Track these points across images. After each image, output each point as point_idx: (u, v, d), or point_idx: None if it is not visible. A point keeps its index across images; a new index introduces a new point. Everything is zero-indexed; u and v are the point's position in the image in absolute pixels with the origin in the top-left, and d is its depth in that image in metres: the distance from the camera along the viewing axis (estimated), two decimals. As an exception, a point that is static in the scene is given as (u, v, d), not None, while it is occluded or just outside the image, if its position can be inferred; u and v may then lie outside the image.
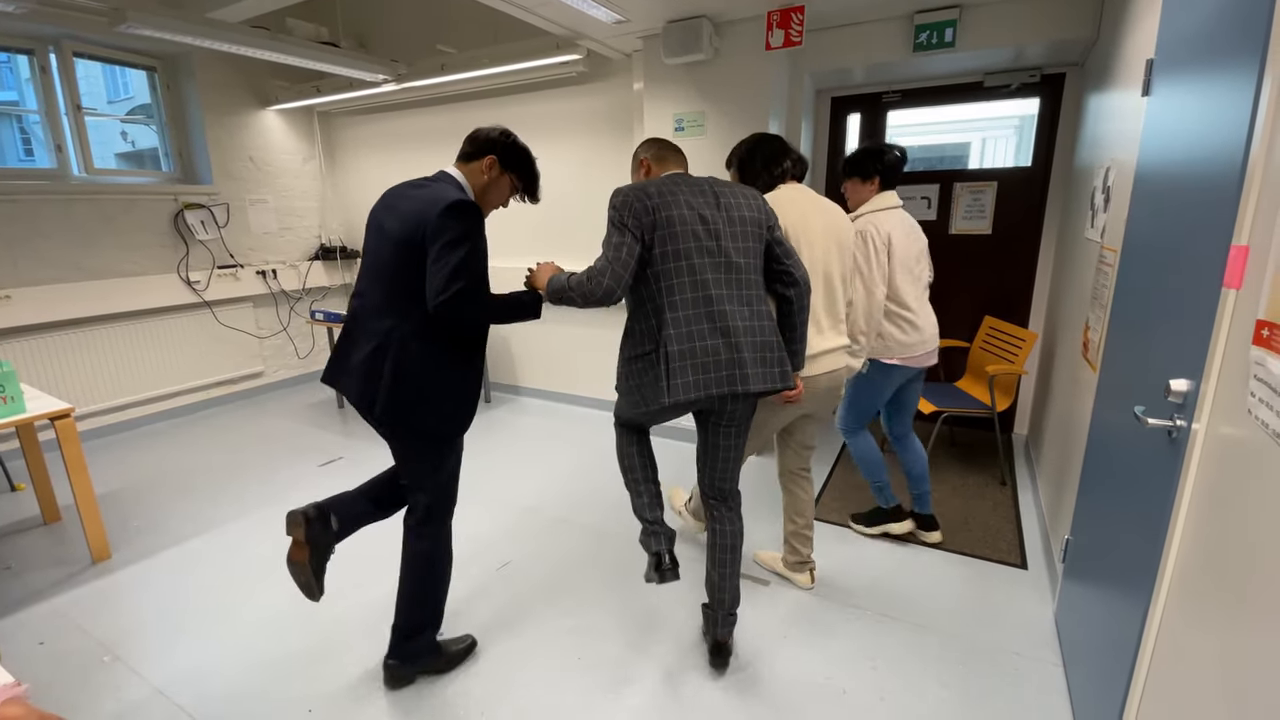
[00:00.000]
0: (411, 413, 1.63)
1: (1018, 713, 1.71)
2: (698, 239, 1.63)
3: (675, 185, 1.68)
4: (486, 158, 1.73)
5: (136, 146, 4.46)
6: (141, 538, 2.69)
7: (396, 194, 1.70)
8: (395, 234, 1.60)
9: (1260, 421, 0.87)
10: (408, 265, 1.57)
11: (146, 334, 4.04)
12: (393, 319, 1.61)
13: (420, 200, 1.60)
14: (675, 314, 1.62)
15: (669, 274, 1.62)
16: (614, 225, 1.63)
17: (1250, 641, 0.86)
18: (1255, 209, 0.96)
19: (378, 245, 1.66)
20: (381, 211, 1.68)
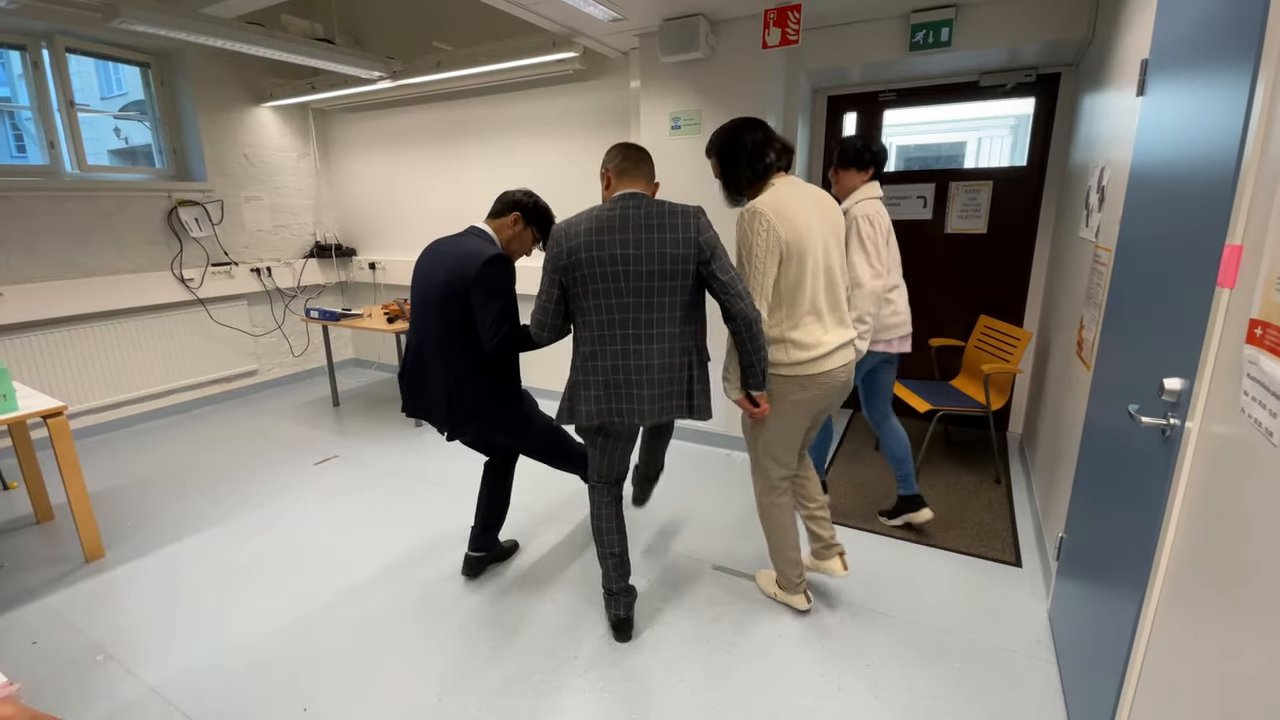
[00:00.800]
0: (477, 416, 2.06)
1: (1012, 709, 1.71)
2: (615, 280, 1.72)
3: (604, 220, 1.72)
4: (512, 214, 2.07)
5: (130, 143, 4.43)
6: (135, 536, 2.68)
7: (439, 250, 2.05)
8: (440, 285, 1.96)
9: (1253, 420, 0.88)
10: (453, 311, 1.94)
11: (140, 332, 4.02)
12: (447, 359, 1.99)
13: (461, 255, 1.95)
14: (589, 348, 1.80)
15: (584, 311, 1.79)
16: (544, 270, 1.82)
17: (1243, 639, 0.86)
18: (1249, 208, 0.96)
19: (426, 296, 2.02)
20: (428, 266, 2.04)
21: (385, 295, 5.11)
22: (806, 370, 1.88)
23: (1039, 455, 2.88)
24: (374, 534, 2.69)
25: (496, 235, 2.06)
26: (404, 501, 2.97)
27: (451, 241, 2.05)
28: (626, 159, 1.83)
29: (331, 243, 5.13)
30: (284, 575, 2.39)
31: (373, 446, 3.66)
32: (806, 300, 1.85)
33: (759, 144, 1.88)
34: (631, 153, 1.84)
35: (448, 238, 2.08)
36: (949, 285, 3.69)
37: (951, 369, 3.61)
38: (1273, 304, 0.85)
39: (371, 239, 5.16)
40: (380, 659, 1.95)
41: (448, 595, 2.25)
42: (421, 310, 2.04)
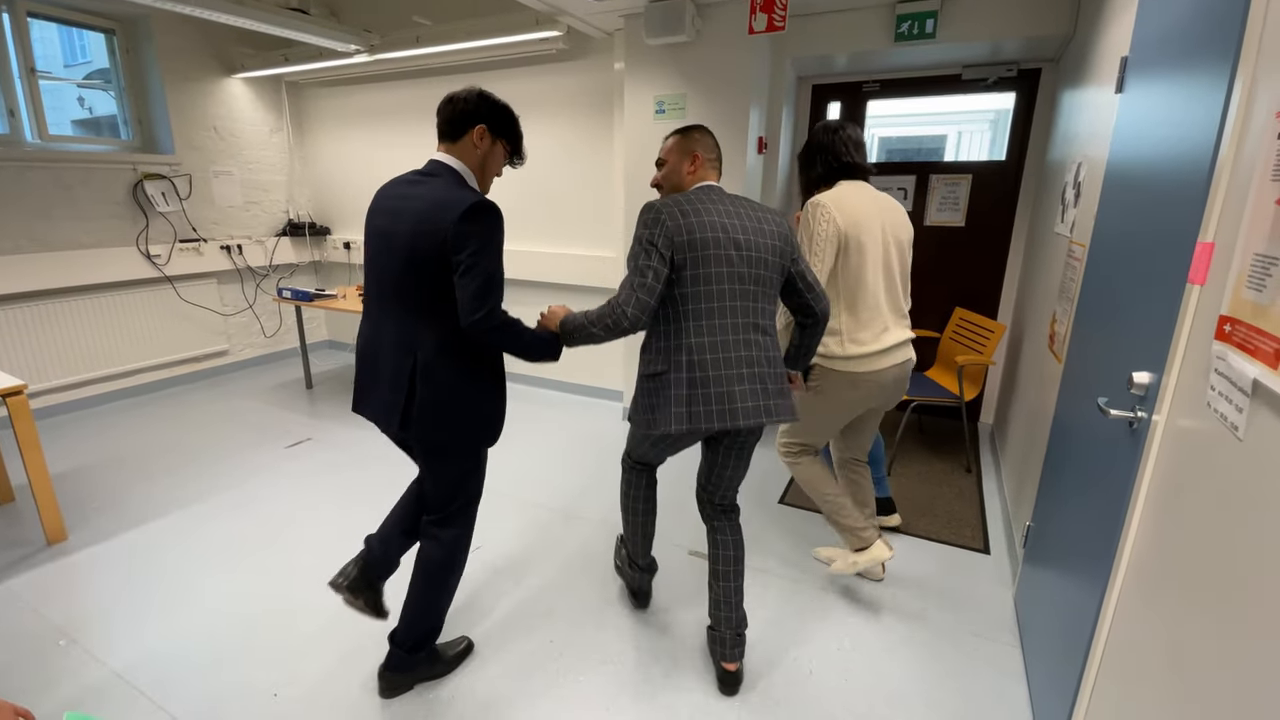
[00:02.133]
0: (443, 433, 1.56)
1: (975, 692, 1.76)
2: (730, 264, 1.56)
3: (709, 202, 1.60)
4: (476, 128, 1.54)
5: (94, 113, 4.25)
6: (99, 519, 2.61)
7: (394, 195, 1.53)
8: (404, 245, 1.45)
9: (1219, 414, 0.90)
10: (421, 280, 1.44)
11: (104, 309, 3.89)
12: (410, 342, 1.49)
13: (427, 203, 1.44)
14: (697, 339, 1.56)
15: (695, 297, 1.55)
16: (642, 245, 1.54)
17: (1202, 624, 0.89)
18: (1222, 207, 0.98)
19: (383, 259, 1.51)
20: (381, 218, 1.53)
21: (360, 276, 5.00)
22: (859, 367, 1.95)
23: (1009, 445, 2.94)
24: (348, 518, 2.66)
25: (463, 163, 1.54)
26: (379, 485, 2.93)
27: (410, 185, 1.52)
28: (713, 149, 1.73)
29: (305, 221, 5.01)
30: (254, 559, 2.36)
31: (347, 430, 3.61)
32: (869, 294, 1.93)
33: (831, 144, 2.01)
34: (713, 141, 1.75)
35: (404, 179, 1.55)
36: (926, 277, 3.72)
37: (927, 360, 3.66)
38: (1242, 301, 0.87)
39: (346, 218, 5.05)
40: (354, 644, 1.93)
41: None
42: (378, 277, 1.55)
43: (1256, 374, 0.80)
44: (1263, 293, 0.81)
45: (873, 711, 1.70)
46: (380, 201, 1.56)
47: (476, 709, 1.70)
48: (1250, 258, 0.86)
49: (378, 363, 1.57)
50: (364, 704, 1.71)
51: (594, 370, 4.10)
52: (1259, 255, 0.83)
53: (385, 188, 1.58)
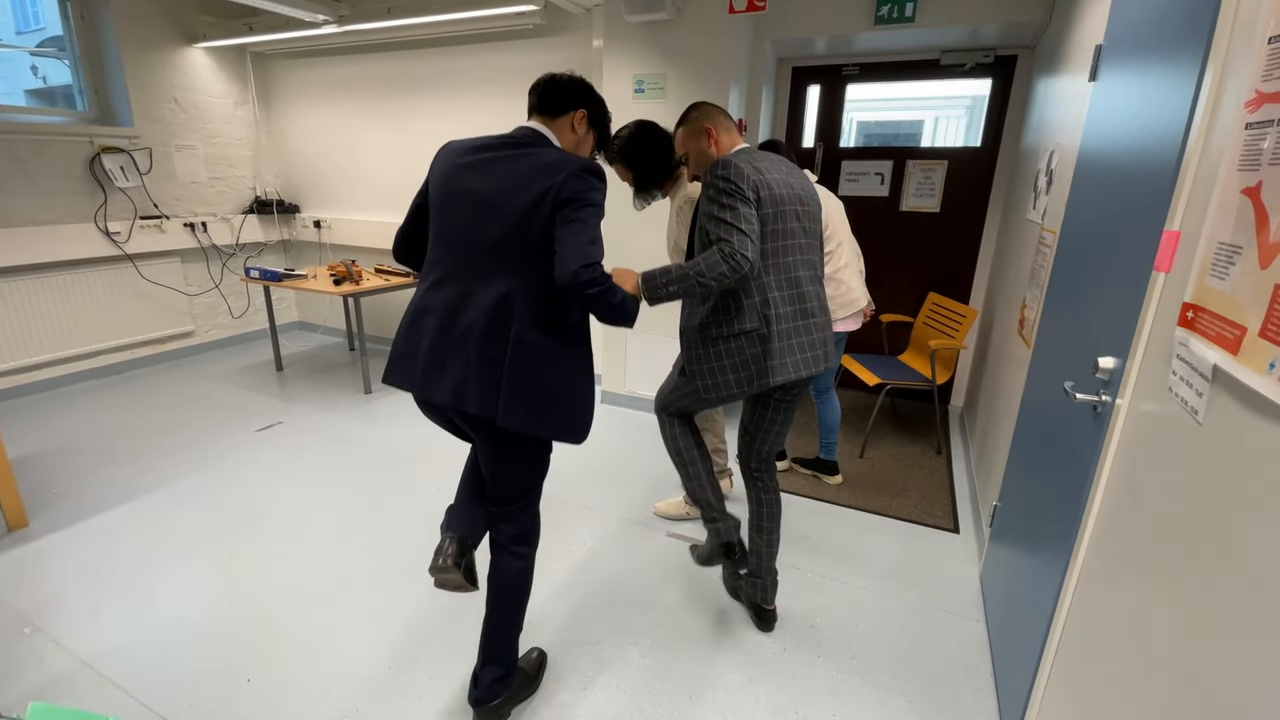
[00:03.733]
0: (538, 419, 1.38)
1: (941, 666, 1.82)
2: (798, 219, 1.64)
3: (764, 160, 1.64)
4: (578, 111, 1.48)
5: (48, 83, 4.04)
6: (62, 505, 2.54)
7: (485, 157, 1.39)
8: (510, 205, 1.32)
9: (1179, 398, 0.93)
10: (526, 242, 1.33)
11: (62, 288, 3.75)
12: (506, 314, 1.34)
13: (534, 164, 1.35)
14: (776, 294, 1.61)
15: (772, 253, 1.60)
16: (734, 196, 1.52)
17: (1158, 600, 0.93)
18: (1189, 196, 1.01)
19: (479, 222, 1.36)
20: (467, 176, 1.38)
21: (331, 255, 4.90)
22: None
23: (978, 428, 3.01)
24: (320, 503, 2.62)
25: (558, 139, 1.46)
26: (351, 470, 2.90)
27: (504, 145, 1.40)
28: (724, 114, 1.74)
29: (273, 198, 4.86)
30: (223, 544, 2.32)
31: (319, 413, 3.55)
32: None
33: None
34: (722, 110, 1.76)
35: (487, 141, 1.42)
36: (901, 262, 3.78)
37: (900, 344, 3.72)
38: (1205, 288, 0.89)
39: (316, 195, 4.92)
40: (328, 628, 1.92)
41: (397, 563, 2.22)
42: (469, 243, 1.37)
43: (1217, 360, 0.83)
44: (1225, 280, 0.84)
45: (843, 685, 1.74)
46: (465, 161, 1.40)
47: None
48: (1215, 246, 0.88)
49: (453, 338, 1.37)
50: (337, 687, 1.71)
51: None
52: (1223, 244, 0.86)
53: (467, 147, 1.43)
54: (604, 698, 1.70)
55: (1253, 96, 0.83)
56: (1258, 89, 0.82)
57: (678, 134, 1.79)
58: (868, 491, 2.79)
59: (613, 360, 3.69)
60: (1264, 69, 0.81)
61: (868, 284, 2.65)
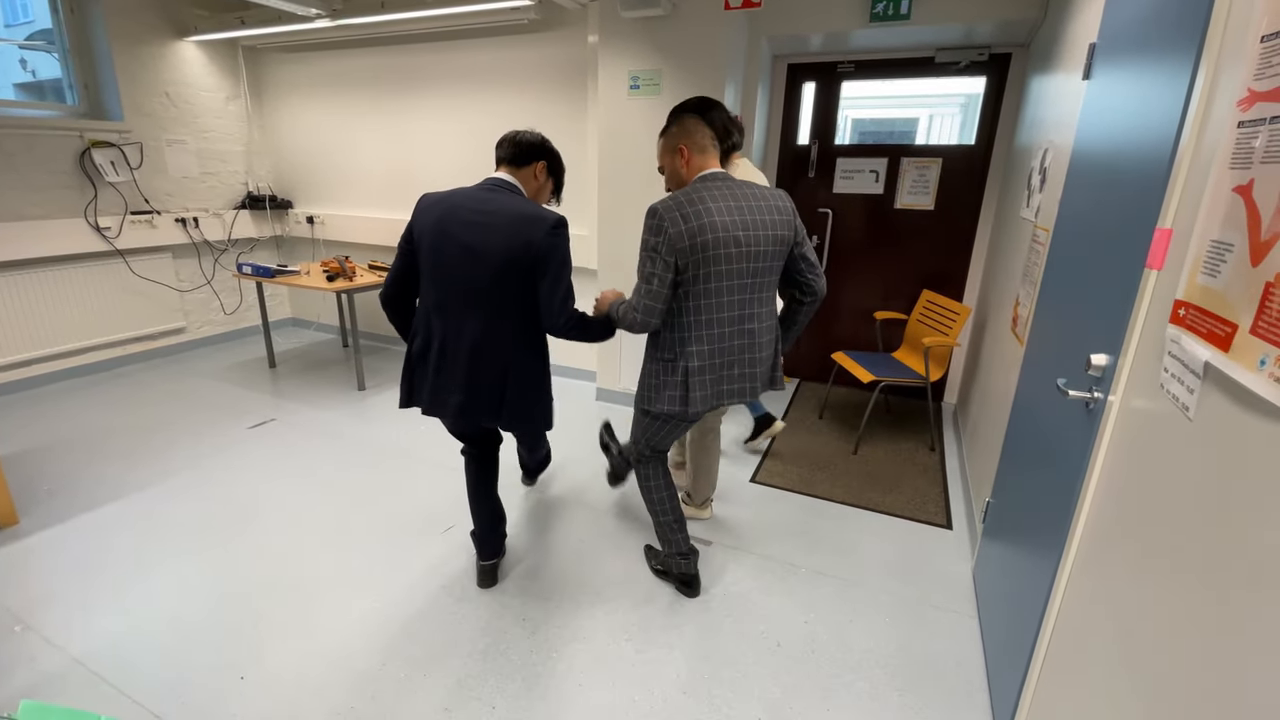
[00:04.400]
0: (531, 419, 1.88)
1: (934, 661, 1.83)
2: (730, 261, 1.68)
3: (712, 197, 1.66)
4: (539, 163, 1.80)
5: (38, 76, 4.00)
6: (52, 502, 2.52)
7: (478, 210, 1.69)
8: (498, 254, 1.65)
9: (1171, 395, 0.94)
10: (510, 285, 1.68)
11: (52, 284, 3.72)
12: (501, 343, 1.74)
13: (518, 218, 1.66)
14: (699, 332, 1.73)
15: (698, 294, 1.70)
16: (648, 253, 1.66)
17: (1149, 596, 0.94)
18: (1181, 194, 1.01)
19: (471, 269, 1.68)
20: (457, 228, 1.68)
21: (325, 251, 4.87)
22: None
23: (971, 425, 3.03)
24: (312, 499, 2.61)
25: (523, 186, 1.78)
26: (346, 467, 2.89)
27: (484, 200, 1.70)
28: (703, 135, 1.75)
29: (265, 193, 4.83)
30: (216, 541, 2.31)
31: (312, 410, 3.53)
32: None
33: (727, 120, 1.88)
34: (704, 123, 1.76)
35: (470, 192, 1.73)
36: (896, 260, 3.79)
37: (894, 341, 3.73)
38: (1197, 286, 0.90)
39: (309, 191, 4.89)
40: (321, 626, 1.91)
41: (392, 561, 2.22)
42: (463, 283, 1.69)
43: (1208, 356, 0.84)
44: (1216, 278, 0.84)
45: (836, 680, 1.75)
46: (452, 211, 1.70)
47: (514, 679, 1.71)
48: (1206, 244, 0.88)
49: (460, 365, 1.74)
50: (331, 684, 1.70)
51: (566, 350, 4.07)
52: (1215, 241, 0.86)
53: (452, 199, 1.71)
54: (599, 694, 1.70)
55: (1245, 95, 0.84)
56: (1250, 87, 0.83)
57: (659, 143, 1.83)
58: (861, 488, 2.81)
59: (607, 360, 3.69)
60: (1256, 67, 0.82)
61: (862, 282, 2.66)
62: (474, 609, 2.00)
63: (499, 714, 1.63)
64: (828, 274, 3.96)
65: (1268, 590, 0.68)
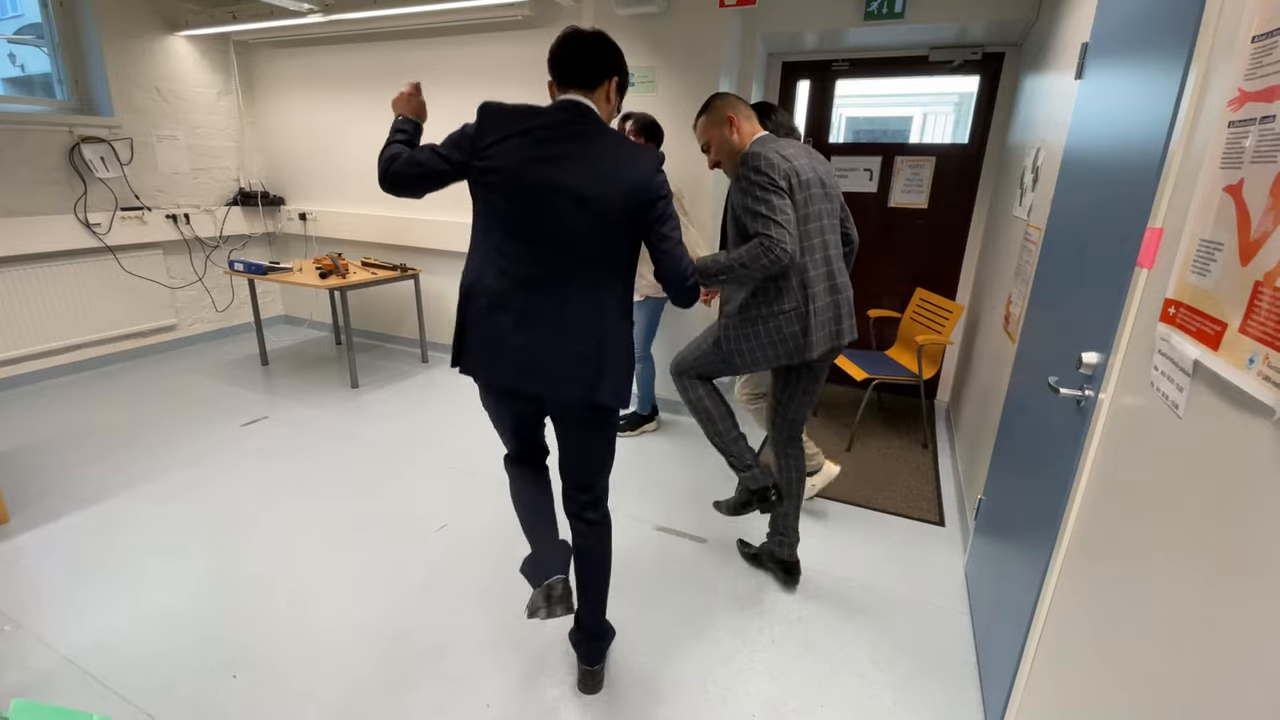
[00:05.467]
0: (624, 394, 1.50)
1: (927, 656, 1.84)
2: (818, 202, 1.78)
3: (787, 147, 1.74)
4: (612, 80, 1.47)
5: (26, 71, 3.96)
6: (43, 500, 2.50)
7: (559, 139, 1.37)
8: (607, 198, 1.34)
9: (1161, 393, 0.95)
10: (618, 234, 1.38)
11: (41, 280, 3.68)
12: (603, 299, 1.42)
13: (620, 154, 1.38)
14: (812, 273, 1.76)
15: (805, 235, 1.74)
16: (768, 189, 1.63)
17: (1138, 591, 0.95)
18: (1172, 193, 1.02)
19: (565, 211, 1.35)
20: (549, 169, 1.35)
21: (317, 248, 4.85)
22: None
23: (963, 423, 3.04)
24: (307, 499, 2.60)
25: (599, 112, 1.45)
26: (339, 465, 2.88)
27: (574, 132, 1.38)
28: (744, 104, 1.84)
29: (257, 190, 4.80)
30: (208, 540, 2.30)
31: (305, 408, 3.52)
32: None
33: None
34: (742, 103, 1.85)
35: (553, 121, 1.39)
36: (889, 258, 3.80)
37: (887, 339, 3.75)
38: (1186, 285, 0.90)
39: (301, 187, 4.86)
40: (314, 625, 1.91)
41: (384, 560, 2.22)
42: (560, 232, 1.36)
43: (1197, 355, 0.84)
44: (1206, 277, 0.85)
45: (831, 677, 1.76)
46: (547, 146, 1.37)
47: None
48: (1196, 243, 0.89)
49: (552, 326, 1.40)
50: (324, 684, 1.70)
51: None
52: (1204, 241, 0.87)
53: (543, 127, 1.38)
54: (600, 693, 1.70)
55: (1236, 95, 0.85)
56: (1240, 87, 0.84)
57: (700, 122, 1.86)
58: (854, 485, 2.82)
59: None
60: (1247, 67, 0.83)
61: (856, 280, 2.67)
62: (467, 606, 2.00)
63: (493, 712, 1.63)
64: (822, 272, 3.97)
65: (1256, 586, 0.69)
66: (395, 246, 4.47)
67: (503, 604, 2.01)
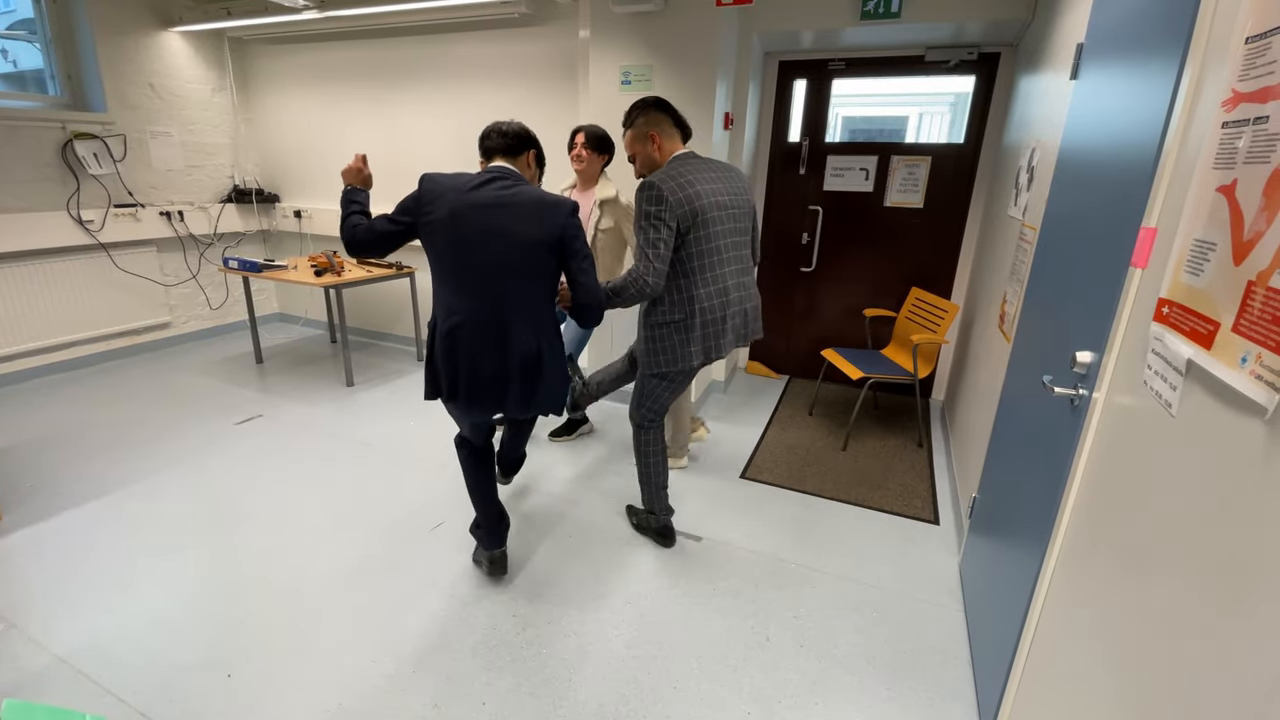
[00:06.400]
0: (558, 401, 1.90)
1: (921, 654, 1.85)
2: (719, 223, 1.93)
3: (697, 172, 1.92)
4: (530, 152, 1.86)
5: (19, 67, 3.93)
6: (35, 499, 2.48)
7: (488, 195, 1.70)
8: (529, 239, 1.68)
9: (1154, 392, 0.95)
10: (541, 268, 1.72)
11: (33, 277, 3.66)
12: (535, 329, 1.76)
13: (540, 203, 1.71)
14: (705, 289, 1.95)
15: (699, 254, 1.92)
16: (652, 221, 1.84)
17: (1131, 587, 0.95)
18: (1166, 193, 1.03)
19: (496, 252, 1.69)
20: (481, 214, 1.68)
21: (312, 246, 4.83)
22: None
23: (958, 421, 3.05)
24: (302, 497, 2.60)
25: (521, 174, 1.82)
26: (334, 463, 2.87)
27: (501, 186, 1.71)
28: (669, 121, 2.00)
29: (252, 187, 4.78)
30: (203, 539, 2.29)
31: (300, 406, 3.51)
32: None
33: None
34: (668, 112, 2.00)
35: (481, 180, 1.72)
36: (885, 257, 3.81)
37: (883, 338, 3.76)
38: (1180, 284, 0.91)
39: (296, 185, 4.84)
40: (310, 623, 1.90)
41: (380, 558, 2.21)
42: (494, 270, 1.69)
43: (1190, 354, 0.85)
44: (1200, 277, 0.86)
45: (825, 674, 1.77)
46: (478, 200, 1.69)
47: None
48: (1190, 243, 0.90)
49: (498, 352, 1.74)
50: (320, 682, 1.70)
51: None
52: (1198, 240, 0.87)
53: (471, 188, 1.70)
54: (589, 689, 1.70)
55: (1230, 95, 0.85)
56: (1234, 88, 0.84)
57: (626, 136, 2.02)
58: (850, 483, 2.82)
59: (600, 342, 3.69)
60: (1241, 68, 0.83)
61: (851, 279, 2.68)
62: (463, 605, 2.00)
63: (489, 710, 1.63)
64: (818, 271, 3.99)
65: (1248, 584, 0.69)
66: (391, 244, 4.45)
67: (498, 603, 2.01)
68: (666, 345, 2.01)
